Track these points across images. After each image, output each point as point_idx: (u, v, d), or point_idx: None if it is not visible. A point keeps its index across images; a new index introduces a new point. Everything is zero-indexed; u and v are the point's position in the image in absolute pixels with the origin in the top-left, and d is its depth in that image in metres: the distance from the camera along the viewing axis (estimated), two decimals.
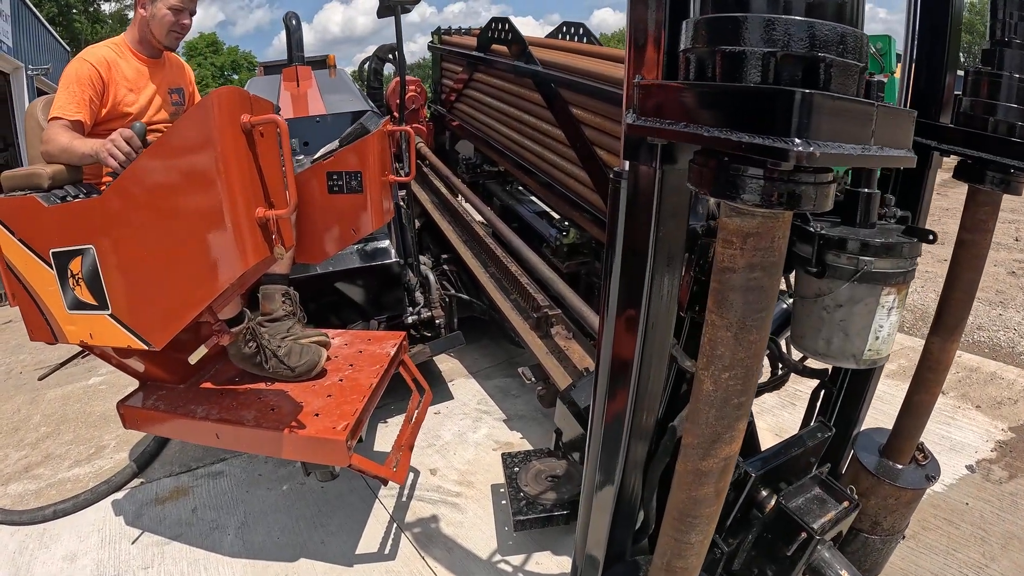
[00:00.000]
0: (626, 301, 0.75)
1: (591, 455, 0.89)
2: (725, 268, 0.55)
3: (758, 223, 0.52)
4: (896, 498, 1.23)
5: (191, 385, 1.47)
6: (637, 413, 0.80)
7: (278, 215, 0.89)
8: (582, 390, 1.46)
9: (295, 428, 1.19)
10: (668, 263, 0.72)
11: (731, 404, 0.61)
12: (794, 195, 0.50)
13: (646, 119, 0.56)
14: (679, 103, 0.53)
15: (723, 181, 0.49)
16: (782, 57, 0.48)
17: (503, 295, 2.16)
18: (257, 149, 0.88)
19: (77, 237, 1.11)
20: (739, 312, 0.56)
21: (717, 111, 0.49)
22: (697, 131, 0.50)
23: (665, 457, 0.87)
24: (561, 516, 1.39)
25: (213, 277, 0.92)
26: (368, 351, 1.55)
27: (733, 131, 0.47)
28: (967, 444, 1.94)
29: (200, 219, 0.89)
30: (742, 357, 0.58)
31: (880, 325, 0.89)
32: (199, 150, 0.85)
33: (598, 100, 1.83)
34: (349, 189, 1.44)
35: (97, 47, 1.50)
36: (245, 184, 0.87)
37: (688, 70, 0.54)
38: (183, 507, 1.82)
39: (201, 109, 0.84)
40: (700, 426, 0.63)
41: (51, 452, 2.21)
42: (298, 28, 3.12)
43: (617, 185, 0.70)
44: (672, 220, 0.68)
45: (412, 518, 1.69)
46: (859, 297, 0.86)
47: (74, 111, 1.36)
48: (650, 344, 0.76)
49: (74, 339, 1.25)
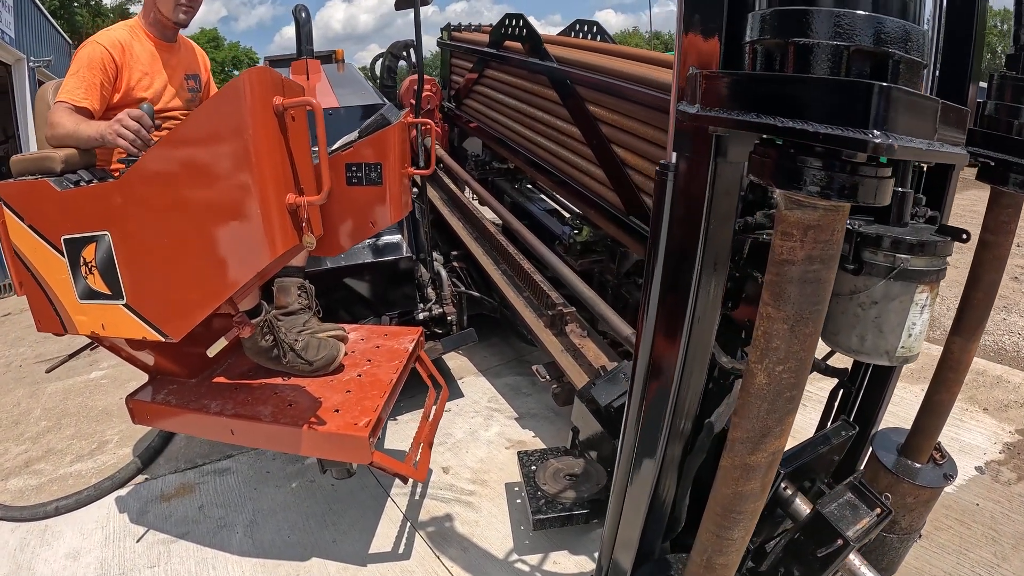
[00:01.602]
0: (671, 300, 0.74)
1: (624, 455, 0.88)
2: (784, 261, 0.54)
3: (819, 215, 0.52)
4: (915, 497, 1.24)
5: (203, 379, 1.44)
6: (677, 414, 0.79)
7: (310, 201, 0.87)
8: (603, 388, 1.45)
9: (315, 424, 1.16)
10: (716, 259, 0.70)
11: (783, 397, 0.61)
12: (856, 188, 0.50)
13: (710, 109, 0.55)
14: (751, 93, 0.53)
15: (787, 172, 0.49)
16: (853, 51, 0.47)
17: (516, 292, 2.15)
18: (288, 133, 0.86)
19: (92, 223, 1.07)
20: (796, 305, 0.55)
21: (793, 102, 0.49)
22: (772, 121, 0.49)
23: (701, 454, 0.86)
24: (581, 515, 1.38)
25: (239, 266, 0.90)
26: (386, 346, 1.53)
27: (810, 122, 0.46)
28: (975, 446, 1.95)
29: (228, 205, 0.86)
30: (797, 350, 0.57)
31: (913, 322, 0.89)
32: (229, 133, 0.82)
33: (616, 98, 1.82)
34: (368, 181, 1.42)
35: (112, 29, 1.44)
36: (276, 169, 0.84)
37: (755, 61, 0.54)
38: (189, 504, 1.79)
39: (232, 90, 0.82)
40: (750, 420, 0.62)
41: (52, 447, 2.16)
42: (308, 21, 3.09)
43: (664, 178, 0.69)
44: (722, 213, 0.67)
45: (426, 517, 1.67)
46: (894, 294, 0.86)
47: (81, 97, 1.31)
48: (694, 344, 0.75)
49: (84, 330, 1.21)
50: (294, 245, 0.88)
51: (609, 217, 1.91)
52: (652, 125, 1.69)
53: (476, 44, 2.94)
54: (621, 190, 1.85)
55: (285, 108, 0.84)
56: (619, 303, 2.11)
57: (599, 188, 1.98)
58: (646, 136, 1.72)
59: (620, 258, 2.15)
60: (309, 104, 0.83)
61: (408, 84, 3.31)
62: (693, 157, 0.66)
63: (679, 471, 0.88)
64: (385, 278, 2.01)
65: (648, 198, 1.75)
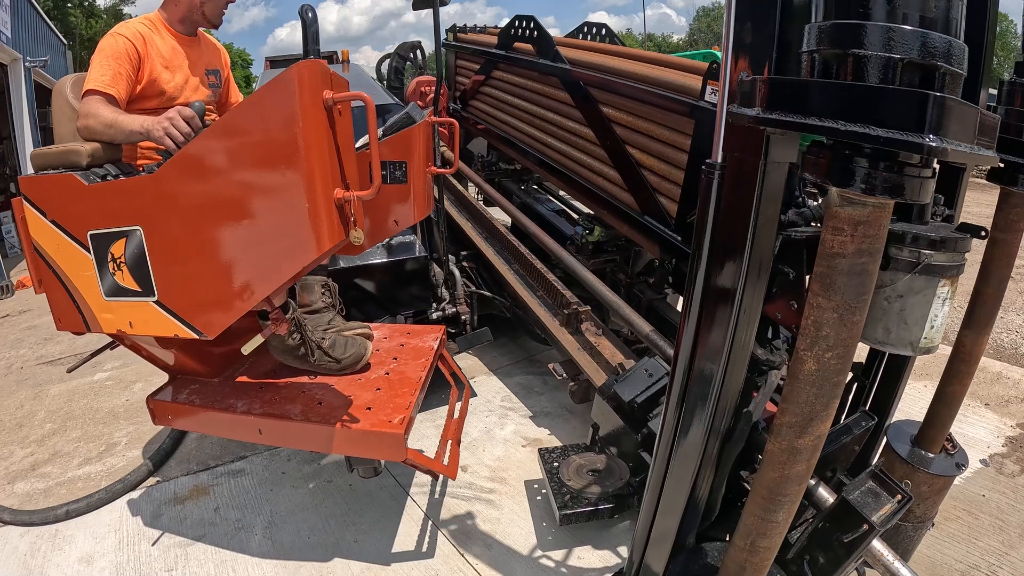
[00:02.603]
0: (715, 298, 0.76)
1: (661, 453, 0.90)
2: (835, 254, 0.58)
3: (868, 211, 0.56)
4: (929, 485, 1.29)
5: (226, 379, 1.43)
6: (719, 412, 0.82)
7: (359, 196, 0.87)
8: (625, 385, 1.47)
9: (347, 422, 1.17)
10: (762, 257, 0.73)
11: (831, 383, 0.64)
12: (902, 186, 0.54)
13: (771, 112, 0.58)
14: (814, 99, 0.56)
15: (841, 171, 0.53)
16: (907, 63, 0.52)
17: (529, 292, 2.16)
18: (336, 127, 0.87)
19: (123, 218, 1.06)
20: (845, 294, 0.58)
21: (854, 107, 0.53)
22: (833, 124, 0.53)
23: (739, 444, 0.88)
24: (606, 509, 1.40)
25: (285, 261, 0.90)
26: (410, 344, 1.54)
27: (870, 126, 0.49)
28: (979, 439, 2.01)
29: (275, 200, 0.87)
30: (844, 337, 0.61)
31: (935, 314, 0.94)
32: (279, 125, 0.83)
33: (630, 99, 1.85)
34: (393, 179, 1.43)
35: (129, 22, 1.42)
36: (324, 164, 0.85)
37: (813, 69, 0.58)
38: (204, 506, 1.76)
39: (282, 84, 0.82)
40: (799, 405, 0.65)
41: (58, 449, 2.12)
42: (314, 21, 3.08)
43: (711, 177, 0.72)
44: (769, 211, 0.70)
45: (447, 515, 1.67)
46: (918, 288, 0.91)
47: (109, 84, 1.28)
48: (738, 342, 0.77)
49: (109, 328, 1.20)
50: (341, 240, 0.89)
51: (623, 217, 1.94)
52: (667, 126, 1.72)
53: (483, 45, 2.96)
54: (636, 190, 1.88)
55: (335, 102, 0.85)
56: (632, 302, 2.14)
57: (612, 188, 2.01)
58: (661, 137, 1.76)
59: (633, 258, 2.18)
60: (361, 98, 0.85)
61: (415, 85, 3.32)
62: (743, 157, 0.69)
63: (717, 462, 0.90)
64: (399, 278, 2.02)
65: (663, 198, 1.78)
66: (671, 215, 1.73)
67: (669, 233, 1.73)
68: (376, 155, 0.87)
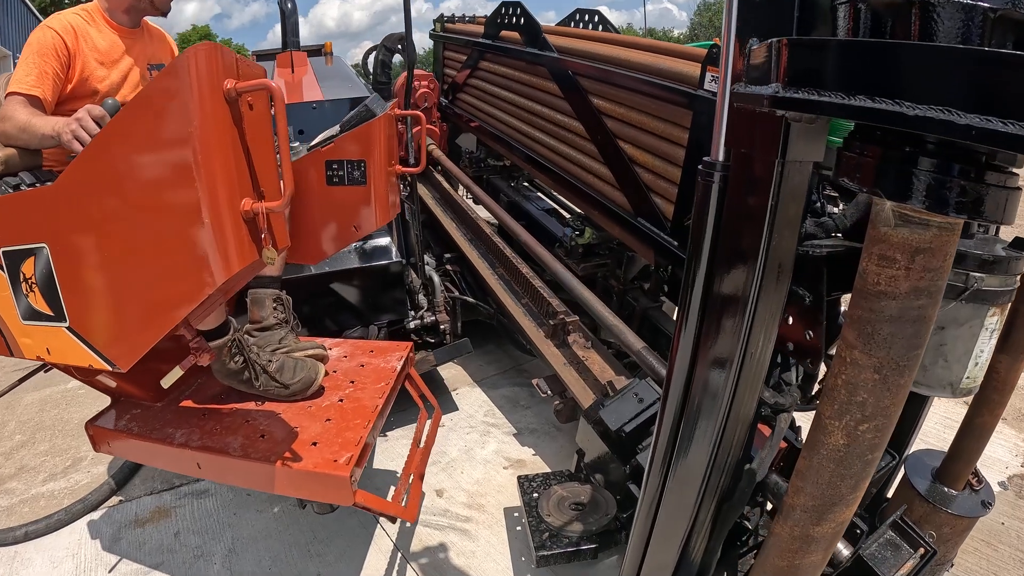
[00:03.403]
0: (715, 328, 0.59)
1: (644, 508, 0.75)
2: (880, 292, 0.40)
3: (932, 235, 0.38)
4: (951, 527, 1.14)
5: (170, 402, 1.30)
6: (717, 463, 0.65)
7: (269, 208, 0.72)
8: (611, 410, 1.32)
9: (289, 460, 1.03)
10: (777, 278, 0.55)
11: (863, 460, 0.47)
12: (981, 200, 0.36)
13: (795, 90, 0.40)
14: (867, 69, 0.37)
15: (898, 177, 0.35)
16: (999, 16, 0.33)
17: (514, 300, 2.01)
18: (244, 124, 0.71)
19: (28, 234, 0.93)
20: (892, 350, 0.41)
21: (926, 82, 0.34)
22: (897, 108, 0.34)
23: (740, 506, 0.73)
24: (589, 550, 1.25)
25: (189, 286, 0.76)
26: (371, 365, 1.39)
27: (954, 110, 0.32)
28: (997, 459, 1.85)
29: (171, 214, 0.72)
30: (887, 405, 0.44)
31: (981, 350, 0.77)
32: (170, 124, 0.68)
33: (622, 89, 1.68)
34: (351, 180, 1.28)
35: (64, 13, 1.27)
36: (229, 169, 0.70)
37: (856, 26, 0.39)
38: (165, 531, 1.66)
39: (173, 72, 0.67)
40: (819, 486, 0.49)
41: (25, 464, 2.04)
42: (294, 12, 2.92)
43: (710, 179, 0.54)
44: (787, 223, 0.52)
45: (419, 547, 1.54)
46: (963, 319, 0.74)
47: (32, 85, 1.16)
48: (744, 382, 0.60)
49: (30, 354, 1.07)
50: (253, 261, 0.74)
51: (614, 218, 1.77)
52: (662, 119, 1.55)
53: (470, 35, 2.78)
54: (628, 189, 1.71)
55: (239, 93, 0.69)
56: (625, 310, 1.98)
57: (603, 187, 1.84)
58: (655, 131, 1.58)
59: (626, 262, 2.02)
60: (266, 87, 0.69)
61: (403, 80, 3.14)
62: (753, 155, 0.50)
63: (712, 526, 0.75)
64: (373, 285, 1.87)
65: (658, 198, 1.61)
66: (667, 217, 1.57)
67: (664, 237, 1.57)
68: (287, 159, 0.71)
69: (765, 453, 0.71)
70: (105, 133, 0.78)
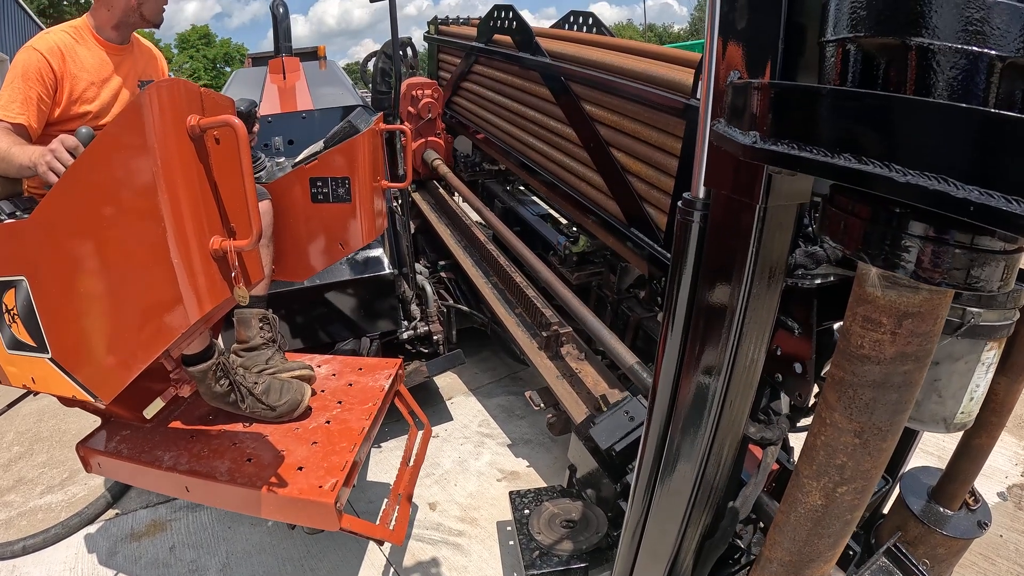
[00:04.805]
0: (695, 367, 0.57)
1: (628, 536, 0.74)
2: (863, 356, 0.38)
3: (921, 300, 0.35)
4: (946, 548, 1.11)
5: (159, 423, 1.30)
6: (698, 502, 0.64)
7: (238, 248, 0.70)
8: (603, 428, 1.30)
9: (275, 486, 1.02)
10: (760, 318, 0.53)
11: (841, 520, 0.45)
12: (981, 269, 0.33)
13: (775, 142, 0.36)
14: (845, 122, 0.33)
15: (887, 243, 0.32)
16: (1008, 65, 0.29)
17: (507, 310, 1.99)
18: (211, 160, 0.69)
19: (8, 266, 0.92)
20: (875, 415, 0.39)
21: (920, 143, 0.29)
22: (884, 172, 0.29)
23: (722, 545, 0.72)
24: (578, 570, 1.24)
25: (162, 323, 0.74)
26: (359, 384, 1.38)
27: (950, 180, 0.27)
28: (996, 468, 1.82)
29: (139, 251, 0.70)
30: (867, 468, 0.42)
31: (977, 385, 0.75)
32: (133, 162, 0.66)
33: (615, 96, 1.64)
34: (336, 198, 1.26)
35: (51, 32, 1.24)
36: (196, 207, 0.68)
37: (845, 71, 0.34)
38: (160, 544, 1.67)
39: (134, 110, 0.65)
40: (796, 543, 0.47)
41: (23, 476, 2.05)
42: (286, 17, 2.89)
43: (689, 218, 0.51)
44: (771, 263, 0.50)
45: (411, 562, 1.54)
46: (959, 354, 0.71)
47: (17, 112, 1.14)
48: (725, 423, 0.59)
49: (16, 382, 1.07)
50: (224, 298, 0.72)
51: (608, 228, 1.75)
52: (656, 127, 1.52)
53: (464, 38, 2.74)
54: (621, 199, 1.68)
55: (204, 129, 0.67)
56: (620, 320, 1.96)
57: (596, 196, 1.81)
58: (649, 139, 1.55)
59: (620, 272, 1.99)
60: (228, 124, 0.67)
61: (405, 88, 3.07)
62: (734, 198, 0.48)
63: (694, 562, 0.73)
64: (366, 296, 1.86)
65: (651, 208, 1.58)
66: (660, 228, 1.54)
67: (657, 248, 1.54)
68: (253, 198, 0.70)
69: (750, 491, 0.69)
70: (74, 168, 0.76)
